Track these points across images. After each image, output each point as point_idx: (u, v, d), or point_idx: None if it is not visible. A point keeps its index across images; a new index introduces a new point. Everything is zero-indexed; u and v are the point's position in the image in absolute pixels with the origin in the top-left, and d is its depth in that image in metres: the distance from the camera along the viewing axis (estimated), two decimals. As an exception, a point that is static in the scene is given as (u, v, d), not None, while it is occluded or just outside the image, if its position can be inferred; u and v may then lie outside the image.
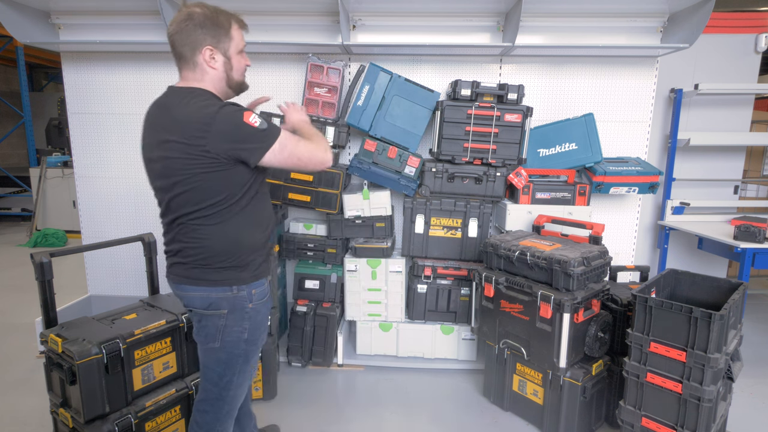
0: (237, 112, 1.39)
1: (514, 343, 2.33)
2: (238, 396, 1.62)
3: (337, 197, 2.79)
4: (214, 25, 1.43)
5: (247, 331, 1.54)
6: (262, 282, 1.58)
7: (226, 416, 1.62)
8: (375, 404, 2.53)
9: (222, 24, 1.45)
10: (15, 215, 6.95)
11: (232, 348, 1.54)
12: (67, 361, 1.69)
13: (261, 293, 1.57)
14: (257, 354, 1.64)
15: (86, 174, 3.24)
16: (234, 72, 1.51)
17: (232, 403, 1.62)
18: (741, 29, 3.51)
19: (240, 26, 1.51)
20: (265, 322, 1.64)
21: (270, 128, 1.42)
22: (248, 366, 1.61)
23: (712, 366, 1.74)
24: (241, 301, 1.51)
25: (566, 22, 2.85)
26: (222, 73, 1.50)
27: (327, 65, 2.78)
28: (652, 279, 2.13)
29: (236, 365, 1.56)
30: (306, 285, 2.87)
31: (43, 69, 9.01)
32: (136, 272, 3.28)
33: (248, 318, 1.54)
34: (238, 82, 1.54)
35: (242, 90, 1.59)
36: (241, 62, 1.53)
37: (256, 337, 1.59)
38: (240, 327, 1.53)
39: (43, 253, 1.87)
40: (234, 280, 1.49)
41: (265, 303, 1.61)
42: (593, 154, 2.82)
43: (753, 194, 4.23)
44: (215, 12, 1.45)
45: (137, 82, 3.11)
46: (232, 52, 1.48)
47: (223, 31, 1.45)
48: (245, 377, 1.61)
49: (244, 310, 1.52)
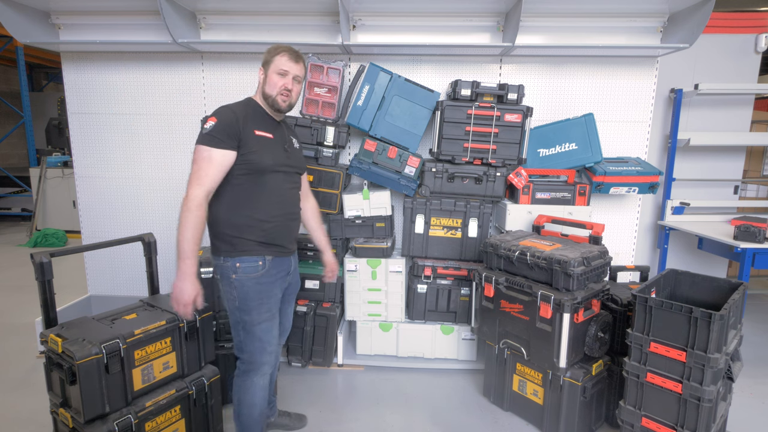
0: (214, 112, 1.78)
1: (514, 343, 2.33)
2: (253, 360, 1.87)
3: (337, 197, 2.79)
4: (269, 53, 1.87)
5: (237, 300, 1.81)
6: (251, 259, 1.80)
7: (244, 374, 1.89)
8: (375, 404, 2.53)
9: (272, 52, 1.86)
10: (15, 215, 6.95)
11: (231, 313, 1.85)
12: (67, 361, 1.68)
13: (247, 268, 1.80)
14: (260, 327, 1.84)
15: (86, 174, 3.25)
16: (266, 86, 1.85)
17: (248, 365, 1.88)
18: (741, 29, 3.51)
19: (288, 56, 1.85)
20: (259, 299, 1.82)
21: (206, 135, 1.72)
22: (251, 335, 1.83)
23: (712, 366, 1.74)
24: (226, 270, 1.80)
25: (566, 22, 2.85)
26: (261, 85, 1.89)
27: (327, 65, 2.78)
28: (652, 279, 2.12)
29: (238, 330, 1.85)
30: (306, 285, 2.87)
31: (43, 69, 9.01)
32: (136, 272, 3.28)
33: (234, 288, 1.80)
34: (268, 95, 1.85)
35: (274, 106, 1.86)
36: (277, 82, 1.84)
37: (248, 308, 1.81)
38: (230, 295, 1.81)
39: (43, 253, 1.87)
40: (222, 251, 1.81)
41: (255, 279, 1.81)
42: (593, 154, 2.82)
43: (753, 194, 4.23)
44: (275, 47, 1.87)
45: (137, 82, 3.11)
46: (270, 71, 1.85)
47: (270, 56, 1.86)
48: (253, 345, 1.85)
49: (230, 279, 1.80)
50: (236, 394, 1.92)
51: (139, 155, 3.20)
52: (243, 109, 1.82)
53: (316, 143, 2.77)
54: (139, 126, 3.17)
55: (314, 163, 2.76)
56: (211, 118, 1.75)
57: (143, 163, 3.20)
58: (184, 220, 1.66)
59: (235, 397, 1.93)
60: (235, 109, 1.80)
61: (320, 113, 2.81)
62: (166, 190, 3.22)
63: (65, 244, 5.80)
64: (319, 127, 2.76)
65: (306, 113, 2.82)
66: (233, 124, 1.74)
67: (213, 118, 1.74)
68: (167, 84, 3.10)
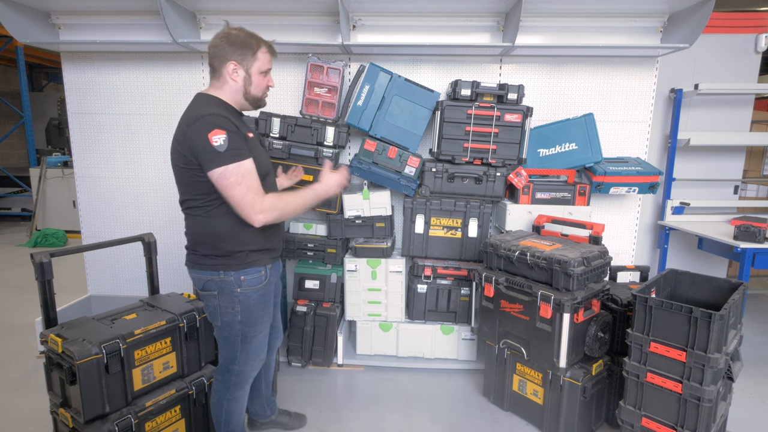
0: (209, 125, 1.54)
1: (514, 343, 2.33)
2: (244, 372, 1.83)
3: (337, 197, 2.79)
4: (243, 46, 1.65)
5: (240, 314, 1.73)
6: (255, 270, 1.73)
7: (234, 387, 1.84)
8: (375, 404, 2.53)
9: (250, 45, 1.66)
10: (15, 215, 6.95)
11: (230, 328, 1.75)
12: (67, 361, 1.69)
13: (252, 280, 1.73)
14: (259, 337, 1.81)
15: (86, 174, 3.25)
16: (252, 88, 1.71)
17: (239, 377, 1.83)
18: (741, 29, 3.51)
19: (269, 52, 1.71)
20: (262, 308, 1.79)
21: (226, 153, 1.53)
22: (249, 346, 1.79)
23: (712, 366, 1.74)
24: (228, 285, 1.70)
25: (566, 22, 2.85)
26: (241, 86, 1.70)
27: (327, 65, 2.78)
28: (652, 279, 2.12)
29: (236, 344, 1.77)
30: (306, 285, 2.87)
31: (43, 69, 9.00)
32: (136, 272, 3.28)
33: (239, 301, 1.72)
34: (255, 97, 1.73)
35: (259, 106, 1.78)
36: (263, 81, 1.72)
37: (252, 320, 1.76)
38: (232, 309, 1.72)
39: (43, 253, 1.87)
40: (220, 266, 1.69)
41: (259, 290, 1.76)
42: (593, 154, 2.82)
43: (753, 194, 4.23)
44: (248, 35, 1.67)
45: (137, 82, 3.11)
46: (254, 70, 1.69)
47: (251, 51, 1.66)
48: (249, 356, 1.81)
49: (233, 294, 1.71)
50: (225, 408, 1.87)
51: (139, 155, 3.20)
52: (224, 111, 1.64)
53: (316, 143, 2.77)
54: (139, 126, 3.17)
55: (314, 163, 2.76)
56: (214, 132, 1.52)
57: (143, 163, 3.20)
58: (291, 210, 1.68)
59: (222, 411, 1.87)
60: (226, 114, 1.63)
61: (320, 113, 2.81)
62: (166, 190, 3.22)
63: (65, 244, 5.80)
64: (319, 127, 2.76)
65: (306, 113, 2.82)
66: (238, 130, 1.61)
67: (218, 131, 1.52)
68: (167, 84, 3.10)
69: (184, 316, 2.00)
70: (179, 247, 3.21)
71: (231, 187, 1.55)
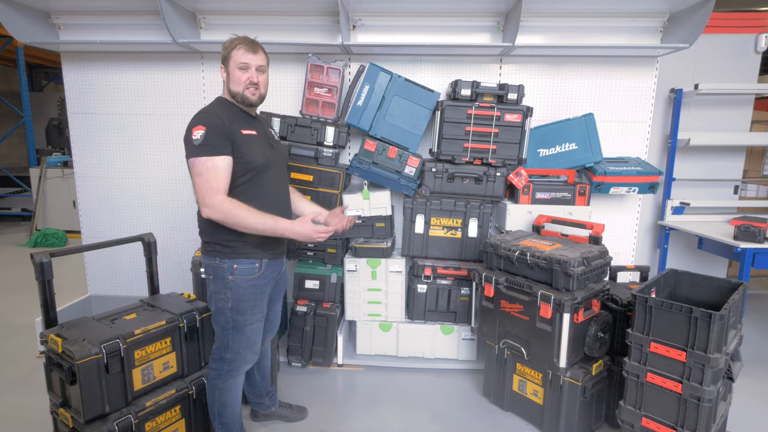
0: (195, 121, 1.72)
1: (514, 343, 2.32)
2: (236, 361, 1.88)
3: (337, 197, 2.79)
4: (225, 49, 1.81)
5: (230, 301, 1.81)
6: (248, 261, 1.82)
7: (226, 375, 1.90)
8: (375, 404, 2.53)
9: (228, 46, 1.80)
10: (15, 215, 6.95)
11: (221, 313, 1.84)
12: (67, 361, 1.68)
13: (244, 270, 1.81)
14: (251, 328, 1.87)
15: (86, 174, 3.25)
16: (231, 83, 1.81)
17: (231, 365, 1.88)
18: (741, 29, 3.51)
19: (244, 48, 1.78)
20: (253, 299, 1.85)
21: (199, 147, 1.67)
22: (241, 335, 1.85)
23: (712, 366, 1.74)
24: (221, 271, 1.80)
25: (566, 22, 2.85)
26: (225, 83, 1.84)
27: (327, 65, 2.78)
28: (652, 279, 2.12)
29: (227, 330, 1.85)
30: (306, 285, 2.87)
31: (43, 69, 9.00)
32: (136, 272, 3.28)
33: (229, 288, 1.80)
34: (235, 92, 1.81)
35: (244, 101, 1.82)
36: (241, 76, 1.78)
37: (242, 309, 1.83)
38: (224, 295, 1.81)
39: (43, 253, 1.87)
40: (217, 253, 1.81)
41: (250, 281, 1.82)
42: (593, 154, 2.82)
43: (753, 194, 4.23)
44: (230, 40, 1.81)
45: (137, 82, 3.11)
46: (231, 67, 1.80)
47: (228, 51, 1.80)
48: (241, 345, 1.87)
49: (225, 280, 1.80)
50: (217, 397, 1.92)
51: (139, 155, 3.20)
52: (223, 110, 1.76)
53: (316, 143, 2.77)
54: (139, 126, 3.17)
55: (314, 163, 2.76)
56: (197, 128, 1.68)
57: (143, 163, 3.20)
58: (238, 221, 1.69)
59: (215, 401, 1.93)
60: (217, 112, 1.74)
61: (320, 113, 2.82)
62: (166, 190, 3.22)
63: (65, 244, 5.80)
64: (319, 127, 2.76)
65: (306, 113, 2.82)
66: (222, 127, 1.70)
67: (200, 127, 1.68)
68: (167, 84, 3.10)
69: (184, 316, 2.00)
70: (179, 247, 3.25)
71: (193, 176, 1.71)
